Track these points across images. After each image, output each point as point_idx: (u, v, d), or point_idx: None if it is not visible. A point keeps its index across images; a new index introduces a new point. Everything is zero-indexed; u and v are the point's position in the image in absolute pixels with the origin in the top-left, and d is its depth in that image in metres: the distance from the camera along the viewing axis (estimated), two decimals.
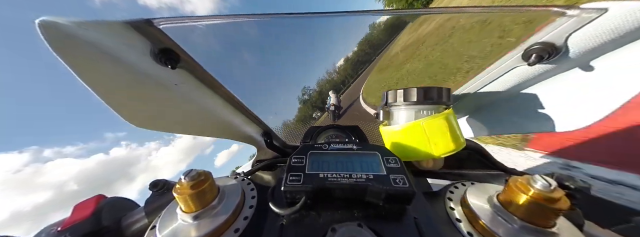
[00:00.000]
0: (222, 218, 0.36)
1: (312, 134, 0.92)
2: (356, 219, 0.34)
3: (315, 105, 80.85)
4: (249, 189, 0.46)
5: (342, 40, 78.15)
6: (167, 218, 0.39)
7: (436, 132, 0.50)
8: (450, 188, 0.43)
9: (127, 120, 0.57)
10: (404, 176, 0.37)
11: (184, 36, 0.50)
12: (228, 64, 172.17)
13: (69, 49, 0.40)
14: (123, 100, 0.55)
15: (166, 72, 0.52)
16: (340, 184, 0.36)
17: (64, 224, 0.43)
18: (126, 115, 0.56)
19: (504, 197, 0.33)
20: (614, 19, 0.39)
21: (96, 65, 0.46)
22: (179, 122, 0.72)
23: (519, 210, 0.30)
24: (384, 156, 0.42)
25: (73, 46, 0.40)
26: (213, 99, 0.68)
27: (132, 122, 0.58)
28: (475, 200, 0.36)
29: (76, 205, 0.47)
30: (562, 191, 0.29)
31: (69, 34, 0.38)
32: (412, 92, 0.52)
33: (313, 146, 0.46)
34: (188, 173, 0.37)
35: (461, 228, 0.34)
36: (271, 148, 0.90)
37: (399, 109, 0.57)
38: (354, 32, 63.11)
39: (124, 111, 0.55)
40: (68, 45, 0.40)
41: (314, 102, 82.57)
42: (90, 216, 0.43)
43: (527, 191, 0.29)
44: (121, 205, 0.50)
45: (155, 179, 0.53)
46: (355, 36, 67.40)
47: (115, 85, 0.52)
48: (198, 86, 0.61)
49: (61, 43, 0.39)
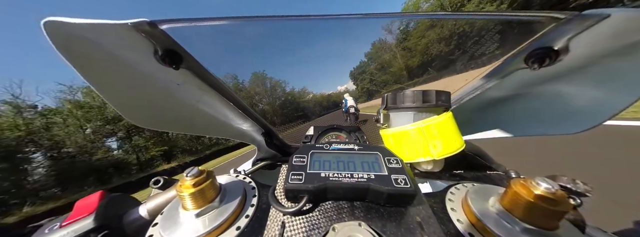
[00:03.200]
0: (223, 216, 0.37)
1: (314, 134, 0.93)
2: (357, 219, 0.34)
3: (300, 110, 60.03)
4: (250, 187, 0.46)
5: (348, 43, 73.63)
6: (168, 215, 0.39)
7: (435, 135, 0.50)
8: (450, 189, 0.43)
9: (130, 118, 0.57)
10: (405, 176, 0.37)
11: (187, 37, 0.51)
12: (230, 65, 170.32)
13: (74, 49, 0.41)
14: (126, 99, 0.55)
15: (169, 72, 0.52)
16: (342, 184, 0.36)
17: (66, 220, 0.43)
18: (128, 113, 0.56)
19: (506, 199, 0.33)
20: (616, 25, 0.39)
21: (100, 65, 0.47)
22: (181, 121, 0.73)
23: (521, 212, 0.30)
24: (386, 157, 0.42)
25: (77, 46, 0.41)
26: (215, 99, 0.68)
27: (134, 120, 0.58)
28: (476, 201, 0.36)
29: (78, 202, 0.48)
30: (565, 193, 0.29)
31: (74, 34, 0.39)
32: (411, 95, 0.52)
33: (314, 145, 0.47)
34: (190, 171, 0.37)
35: (461, 229, 0.34)
36: (272, 148, 0.90)
37: (398, 112, 0.57)
38: (361, 37, 55.47)
39: (127, 110, 0.56)
40: (72, 46, 0.40)
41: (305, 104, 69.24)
42: (92, 213, 0.43)
43: (529, 193, 0.29)
44: (123, 202, 0.50)
45: (157, 177, 0.53)
46: (360, 41, 59.60)
47: (118, 85, 0.52)
48: (200, 86, 0.62)
49: (66, 43, 0.39)
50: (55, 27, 0.37)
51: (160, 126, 0.67)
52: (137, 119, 0.59)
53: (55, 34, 0.37)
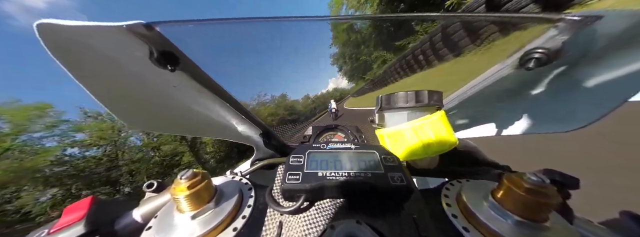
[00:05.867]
0: (219, 218, 0.36)
1: (312, 134, 0.93)
2: (354, 216, 0.34)
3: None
4: (246, 188, 0.46)
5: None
6: (163, 219, 0.38)
7: (428, 133, 0.52)
8: (446, 185, 0.44)
9: (125, 121, 0.57)
10: (402, 174, 0.37)
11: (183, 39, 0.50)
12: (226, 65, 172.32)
13: (67, 51, 0.40)
14: (120, 102, 0.54)
15: (164, 74, 0.52)
16: (339, 182, 0.36)
17: (54, 227, 0.42)
18: (124, 116, 0.56)
19: (499, 193, 0.33)
20: (610, 26, 0.40)
21: (94, 67, 0.46)
22: (177, 123, 0.72)
23: (513, 205, 0.31)
24: (382, 155, 0.43)
25: (71, 49, 0.40)
26: (211, 100, 0.68)
27: (129, 122, 0.58)
28: (471, 196, 0.37)
29: (67, 207, 0.46)
30: (554, 187, 0.30)
31: (67, 37, 0.38)
32: (404, 96, 0.54)
33: (311, 145, 0.47)
34: (184, 173, 0.37)
35: (457, 223, 0.34)
36: (269, 148, 0.90)
37: (392, 113, 0.59)
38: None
39: (122, 113, 0.55)
40: (66, 48, 0.40)
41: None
42: (82, 219, 0.42)
43: (520, 187, 0.30)
44: (115, 206, 0.49)
45: (150, 180, 0.52)
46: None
47: (112, 87, 0.52)
48: (196, 87, 0.61)
49: (59, 45, 0.39)
50: (48, 30, 0.36)
51: (156, 128, 0.67)
52: (133, 121, 0.59)
53: (48, 36, 0.37)
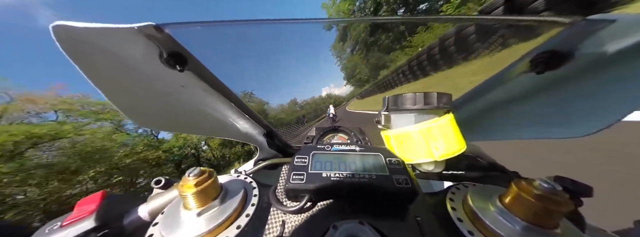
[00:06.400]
0: (224, 215, 0.37)
1: (316, 135, 0.93)
2: (357, 217, 0.34)
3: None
4: (251, 187, 0.46)
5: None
6: (169, 215, 0.39)
7: (436, 136, 0.50)
8: (451, 189, 0.43)
9: (134, 119, 0.58)
10: (407, 177, 0.37)
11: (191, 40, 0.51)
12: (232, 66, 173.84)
13: (81, 52, 0.42)
14: (130, 101, 0.56)
15: (173, 74, 0.53)
16: (343, 183, 0.36)
17: (66, 220, 0.43)
18: (133, 115, 0.57)
19: (507, 199, 0.33)
20: (622, 30, 0.39)
21: (106, 67, 0.48)
22: (184, 122, 0.73)
23: (522, 211, 0.30)
24: (387, 157, 0.43)
25: (84, 50, 0.42)
26: (217, 100, 0.69)
27: (138, 121, 0.59)
28: (477, 201, 0.36)
29: (79, 201, 0.48)
30: (566, 194, 0.29)
31: (81, 38, 0.40)
32: (412, 97, 0.53)
33: (316, 146, 0.47)
34: (192, 171, 0.37)
35: (462, 227, 0.34)
36: (273, 148, 0.91)
37: (399, 114, 0.58)
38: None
39: (131, 111, 0.56)
40: (80, 49, 0.42)
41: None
42: (92, 213, 0.43)
43: (530, 193, 0.29)
44: (124, 202, 0.50)
45: (158, 177, 0.53)
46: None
47: (123, 87, 0.53)
48: (203, 88, 0.62)
49: (73, 46, 0.40)
50: (63, 31, 0.38)
51: (164, 126, 0.68)
52: (142, 120, 0.60)
53: (63, 37, 0.39)
